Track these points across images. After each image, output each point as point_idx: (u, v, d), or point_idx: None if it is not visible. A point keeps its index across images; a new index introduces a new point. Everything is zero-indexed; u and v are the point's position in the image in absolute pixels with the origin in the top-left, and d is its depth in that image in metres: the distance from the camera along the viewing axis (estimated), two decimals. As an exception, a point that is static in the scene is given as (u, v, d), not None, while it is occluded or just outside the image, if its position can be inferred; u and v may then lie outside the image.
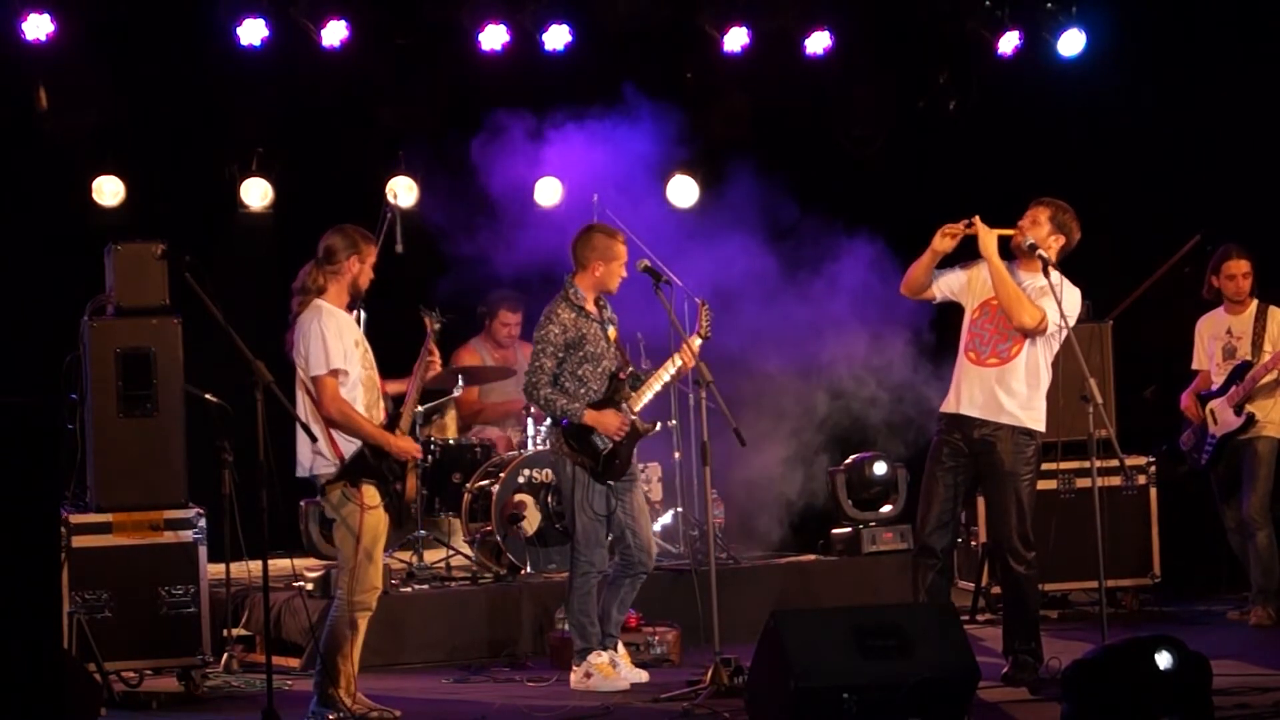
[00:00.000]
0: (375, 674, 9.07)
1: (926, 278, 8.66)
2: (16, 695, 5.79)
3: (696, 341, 8.95)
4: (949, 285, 8.72)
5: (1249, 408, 10.21)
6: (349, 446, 8.01)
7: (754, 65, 11.92)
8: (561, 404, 8.79)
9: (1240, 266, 10.33)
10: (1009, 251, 8.57)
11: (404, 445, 8.12)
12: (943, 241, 8.55)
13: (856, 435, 11.33)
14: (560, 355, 8.81)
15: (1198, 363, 10.56)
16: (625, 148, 11.08)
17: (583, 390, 8.82)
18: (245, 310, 8.27)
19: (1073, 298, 8.54)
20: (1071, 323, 8.48)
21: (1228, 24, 11.93)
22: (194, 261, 8.00)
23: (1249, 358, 10.26)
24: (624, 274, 8.91)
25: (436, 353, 8.35)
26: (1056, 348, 8.61)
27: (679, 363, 8.94)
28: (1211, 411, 10.35)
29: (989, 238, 8.50)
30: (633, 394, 8.91)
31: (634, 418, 8.87)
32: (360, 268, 8.17)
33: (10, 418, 5.87)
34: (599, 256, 8.84)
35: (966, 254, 8.67)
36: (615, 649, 8.89)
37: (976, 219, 8.52)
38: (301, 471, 8.11)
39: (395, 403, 8.32)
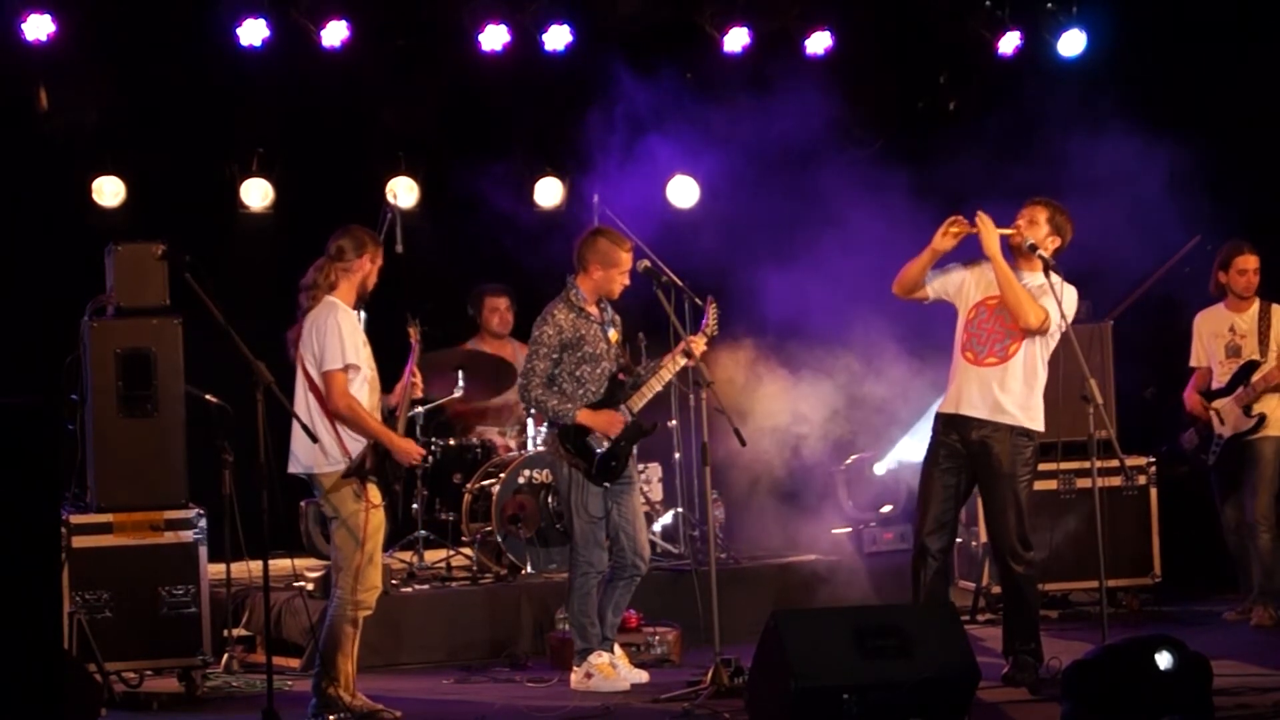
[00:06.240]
0: (375, 674, 9.08)
1: (922, 277, 8.66)
2: (16, 695, 5.78)
3: (701, 340, 8.94)
4: (944, 286, 8.70)
5: (1257, 408, 10.21)
6: (356, 446, 8.02)
7: (754, 65, 11.92)
8: (553, 404, 8.77)
9: (1251, 261, 10.32)
10: (1006, 250, 8.57)
11: (407, 446, 8.12)
12: (944, 240, 8.53)
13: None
14: (555, 356, 8.79)
15: (1196, 359, 10.55)
16: (626, 147, 11.08)
17: (581, 391, 8.81)
18: (245, 310, 8.27)
19: (1070, 296, 8.54)
20: (1069, 320, 8.50)
21: (1228, 24, 11.93)
22: (194, 262, 8.01)
23: (1255, 356, 10.25)
24: (626, 282, 8.87)
25: (419, 375, 8.42)
26: (1053, 345, 8.62)
27: (680, 362, 8.92)
28: (1217, 412, 10.34)
29: (992, 236, 8.48)
30: (632, 394, 8.90)
31: (631, 419, 8.86)
32: (370, 268, 8.20)
33: (10, 418, 5.87)
34: (599, 261, 8.82)
35: (962, 255, 8.67)
36: (611, 651, 8.88)
37: (981, 216, 8.52)
38: (296, 468, 8.11)
39: (389, 411, 8.32)
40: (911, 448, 10.84)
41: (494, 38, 11.56)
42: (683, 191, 12.28)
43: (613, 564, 8.88)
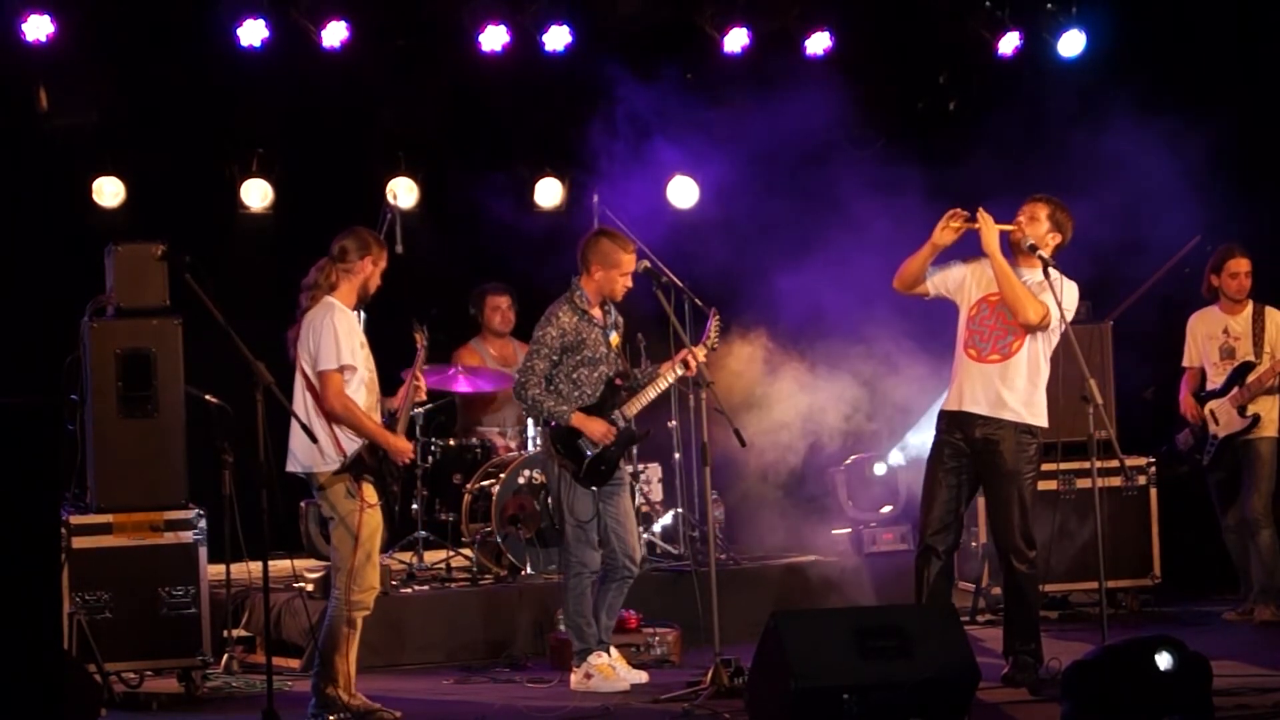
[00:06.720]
0: (375, 674, 9.07)
1: (923, 272, 8.65)
2: (17, 695, 5.78)
3: (701, 352, 8.93)
4: (944, 282, 8.70)
5: (1252, 408, 10.21)
6: (352, 446, 8.02)
7: (754, 66, 11.92)
8: (548, 405, 8.77)
9: (1243, 265, 10.34)
10: (1006, 247, 8.57)
11: (400, 445, 8.13)
12: (944, 234, 8.53)
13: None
14: (555, 358, 8.79)
15: (1189, 360, 10.56)
16: (626, 147, 11.07)
17: (577, 394, 8.80)
18: (245, 311, 8.26)
19: (1071, 292, 8.54)
20: (1070, 316, 8.49)
21: (1227, 24, 11.93)
22: (194, 262, 8.01)
23: (1250, 358, 10.26)
24: (629, 284, 8.86)
25: (422, 379, 8.45)
26: (1055, 342, 8.61)
27: (679, 371, 8.92)
28: (1212, 412, 10.35)
29: (992, 233, 8.49)
30: (628, 400, 8.89)
31: (624, 424, 8.85)
32: (373, 270, 8.20)
33: (10, 418, 5.87)
34: (600, 261, 8.81)
35: (962, 251, 8.68)
36: (608, 652, 8.88)
37: (981, 212, 8.51)
38: (294, 466, 8.12)
39: (390, 413, 8.33)
40: (918, 443, 10.83)
41: (494, 38, 11.55)
42: (683, 192, 12.29)
43: (604, 566, 8.87)
